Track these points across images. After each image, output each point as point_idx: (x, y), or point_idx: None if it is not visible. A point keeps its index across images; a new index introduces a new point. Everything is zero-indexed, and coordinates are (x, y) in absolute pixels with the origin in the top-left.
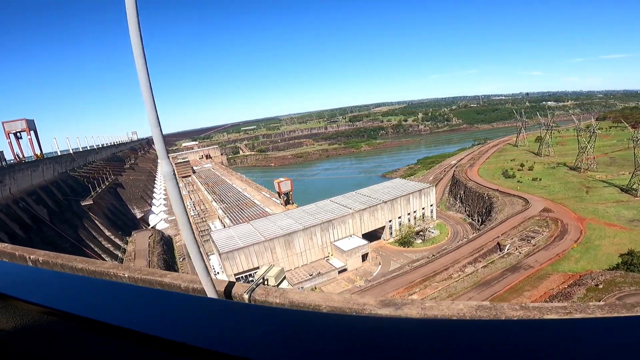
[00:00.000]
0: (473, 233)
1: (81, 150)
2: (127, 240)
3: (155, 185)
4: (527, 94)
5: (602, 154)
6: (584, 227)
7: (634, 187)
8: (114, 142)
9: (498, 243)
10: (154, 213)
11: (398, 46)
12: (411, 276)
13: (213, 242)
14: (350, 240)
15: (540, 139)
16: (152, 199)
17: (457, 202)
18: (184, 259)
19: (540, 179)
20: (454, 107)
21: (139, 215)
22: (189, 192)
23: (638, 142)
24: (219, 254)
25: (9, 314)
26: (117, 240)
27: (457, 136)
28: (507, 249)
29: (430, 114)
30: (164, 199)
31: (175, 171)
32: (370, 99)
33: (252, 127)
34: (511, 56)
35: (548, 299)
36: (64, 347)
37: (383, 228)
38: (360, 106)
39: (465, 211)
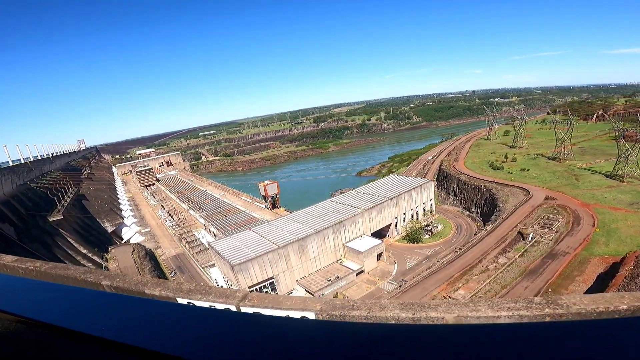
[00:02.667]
0: (477, 225)
1: (32, 159)
2: (106, 257)
3: (118, 195)
4: (474, 91)
5: (571, 144)
6: (592, 211)
7: (619, 173)
8: (64, 151)
9: (519, 232)
10: (127, 226)
11: (355, 48)
12: (447, 271)
13: (217, 253)
14: (362, 241)
15: (514, 132)
16: (121, 211)
17: (451, 196)
18: (175, 273)
19: (528, 169)
20: (412, 105)
21: (110, 229)
22: (159, 201)
23: (619, 132)
24: (231, 267)
25: None
26: (95, 258)
27: (418, 133)
28: (532, 237)
29: (391, 113)
30: (131, 210)
31: (138, 179)
32: (331, 100)
33: (212, 131)
34: (456, 55)
35: (624, 281)
36: (40, 358)
37: (389, 226)
38: (321, 107)
39: (461, 204)
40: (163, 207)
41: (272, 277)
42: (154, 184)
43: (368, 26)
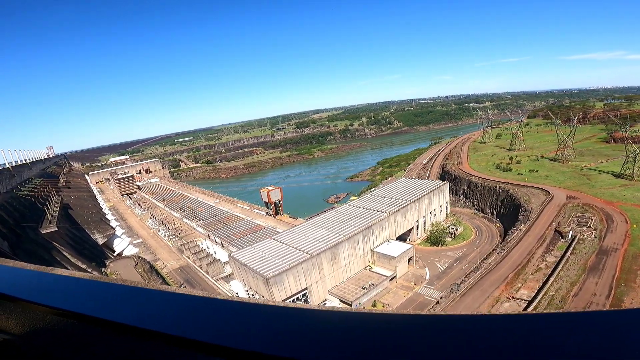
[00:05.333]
0: (496, 226)
1: (8, 165)
2: (106, 273)
3: (100, 204)
4: (447, 97)
5: (572, 145)
6: (619, 209)
7: (626, 172)
8: (34, 158)
9: (557, 230)
10: (119, 237)
11: (330, 54)
12: (499, 272)
13: (244, 265)
14: (390, 245)
15: (511, 135)
16: (109, 221)
17: (461, 198)
18: (184, 287)
19: (537, 170)
20: (391, 110)
21: (101, 240)
22: (146, 210)
23: (628, 134)
24: (265, 280)
25: (19, 316)
26: (95, 274)
27: (400, 138)
28: (571, 235)
29: (373, 118)
30: (116, 220)
31: (118, 188)
32: (309, 106)
33: (189, 138)
34: (426, 62)
35: None
36: (78, 347)
37: (410, 230)
38: (299, 113)
39: (474, 205)
40: (153, 216)
41: (305, 288)
42: (135, 192)
43: (342, 33)
